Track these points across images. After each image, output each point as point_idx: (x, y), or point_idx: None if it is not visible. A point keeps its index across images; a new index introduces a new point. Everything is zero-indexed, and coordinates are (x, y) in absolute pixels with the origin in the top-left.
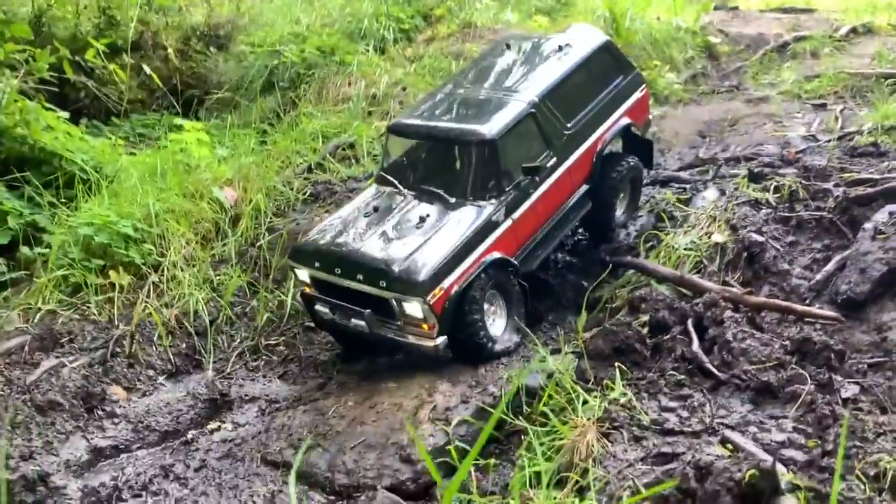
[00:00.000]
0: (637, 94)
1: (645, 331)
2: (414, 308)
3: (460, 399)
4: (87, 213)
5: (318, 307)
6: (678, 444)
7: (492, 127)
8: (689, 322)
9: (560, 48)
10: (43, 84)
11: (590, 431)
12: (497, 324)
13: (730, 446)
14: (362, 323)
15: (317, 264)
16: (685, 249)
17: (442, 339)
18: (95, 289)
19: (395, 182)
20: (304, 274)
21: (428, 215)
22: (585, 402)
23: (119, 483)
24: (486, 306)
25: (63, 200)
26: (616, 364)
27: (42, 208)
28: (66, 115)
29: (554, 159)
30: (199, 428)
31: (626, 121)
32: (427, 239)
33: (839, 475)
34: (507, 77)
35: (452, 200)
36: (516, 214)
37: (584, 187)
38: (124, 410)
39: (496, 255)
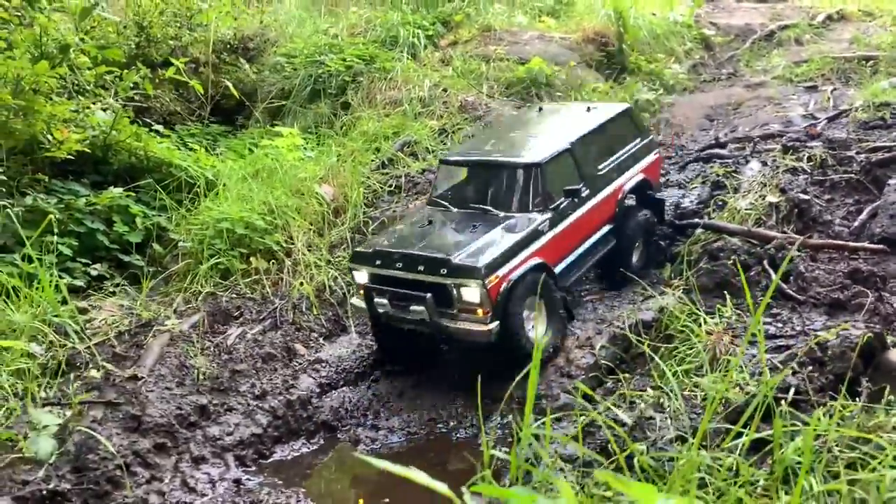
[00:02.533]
0: (651, 157)
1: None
2: (472, 293)
3: (595, 331)
4: (214, 211)
5: (377, 299)
6: (785, 342)
7: (539, 154)
8: (765, 262)
9: (588, 109)
10: (128, 101)
11: (725, 335)
12: (539, 329)
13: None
14: (420, 308)
15: (378, 262)
16: (746, 210)
17: (495, 325)
18: (241, 273)
19: (446, 204)
20: (362, 275)
21: (480, 223)
22: (705, 321)
23: (348, 406)
24: (525, 312)
25: (181, 203)
26: (724, 293)
27: (167, 211)
28: (159, 128)
29: (587, 191)
30: (381, 369)
31: (642, 176)
32: (481, 237)
33: None
34: (544, 127)
35: (501, 214)
36: (557, 229)
37: (609, 226)
38: (326, 357)
39: (539, 260)
